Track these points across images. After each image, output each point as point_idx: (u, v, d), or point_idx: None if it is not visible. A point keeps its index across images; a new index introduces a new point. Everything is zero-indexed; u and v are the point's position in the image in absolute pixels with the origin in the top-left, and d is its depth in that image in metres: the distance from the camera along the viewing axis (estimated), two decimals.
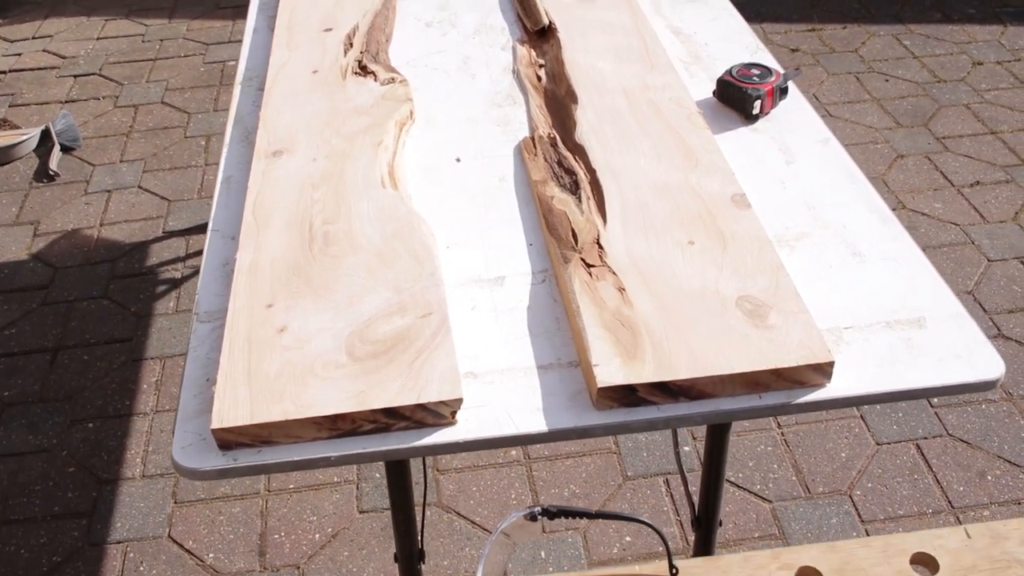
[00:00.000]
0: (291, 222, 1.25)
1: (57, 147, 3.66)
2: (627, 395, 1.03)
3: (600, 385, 1.01)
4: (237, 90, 1.63)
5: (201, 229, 3.25)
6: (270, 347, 1.07)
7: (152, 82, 4.11)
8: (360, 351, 1.06)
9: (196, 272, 3.08)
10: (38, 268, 3.13)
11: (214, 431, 0.98)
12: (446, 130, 1.50)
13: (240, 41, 4.35)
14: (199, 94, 4.00)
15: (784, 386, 1.06)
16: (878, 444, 2.39)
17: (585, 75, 1.55)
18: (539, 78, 1.60)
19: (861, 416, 2.47)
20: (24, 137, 3.68)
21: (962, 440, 2.38)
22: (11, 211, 3.40)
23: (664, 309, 1.11)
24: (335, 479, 2.38)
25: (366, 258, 1.19)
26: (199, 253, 3.16)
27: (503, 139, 1.47)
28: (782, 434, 2.43)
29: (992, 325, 2.70)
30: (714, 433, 1.51)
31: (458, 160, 1.43)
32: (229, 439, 0.99)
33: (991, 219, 3.12)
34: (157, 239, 3.22)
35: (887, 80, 3.89)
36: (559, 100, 1.53)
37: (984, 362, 1.09)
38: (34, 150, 3.72)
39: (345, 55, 1.62)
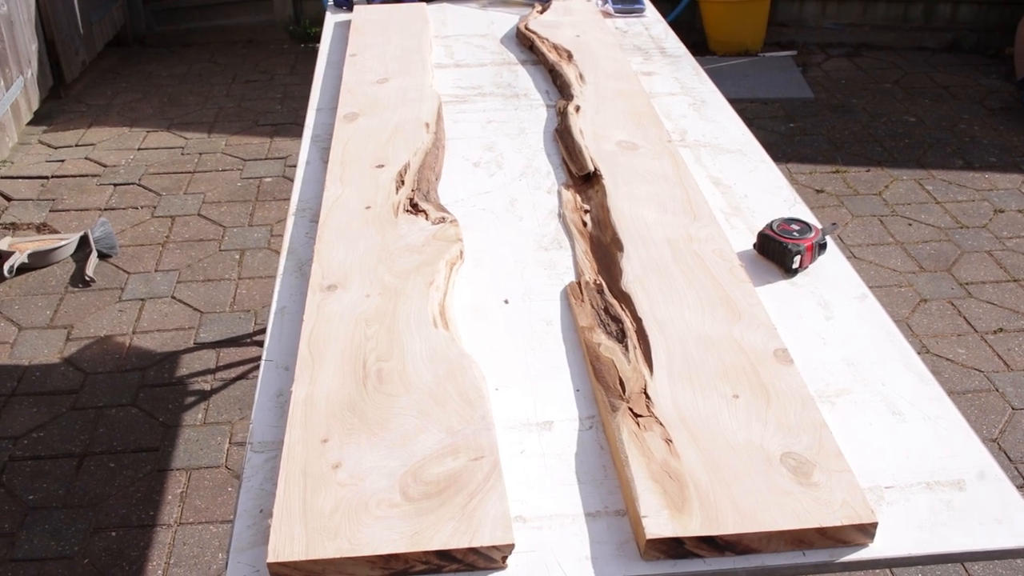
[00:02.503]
0: (345, 357, 1.29)
1: (94, 254, 3.75)
2: (674, 547, 1.05)
3: (649, 537, 1.03)
4: (290, 221, 1.69)
5: (232, 343, 3.30)
6: (325, 482, 1.10)
7: (189, 194, 4.22)
8: (414, 491, 1.08)
9: (225, 385, 3.11)
10: (69, 372, 3.17)
11: (269, 565, 1.01)
12: (494, 271, 1.55)
13: (277, 159, 4.48)
14: (235, 208, 4.10)
15: (827, 544, 1.08)
16: None
17: (630, 224, 1.60)
18: (584, 223, 1.66)
19: (890, 569, 2.45)
20: (63, 243, 3.77)
21: None
22: (46, 314, 3.46)
23: (710, 462, 1.14)
24: None
25: (419, 398, 1.22)
26: (229, 366, 3.20)
27: (550, 282, 1.52)
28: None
29: (1018, 474, 2.70)
30: None
31: (506, 302, 1.47)
32: (283, 573, 1.01)
33: (1015, 367, 3.14)
34: (188, 350, 3.27)
35: (910, 224, 3.96)
36: (604, 247, 1.58)
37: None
38: (72, 255, 3.80)
39: (397, 192, 1.68)
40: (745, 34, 5.42)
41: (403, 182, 1.71)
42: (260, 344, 3.28)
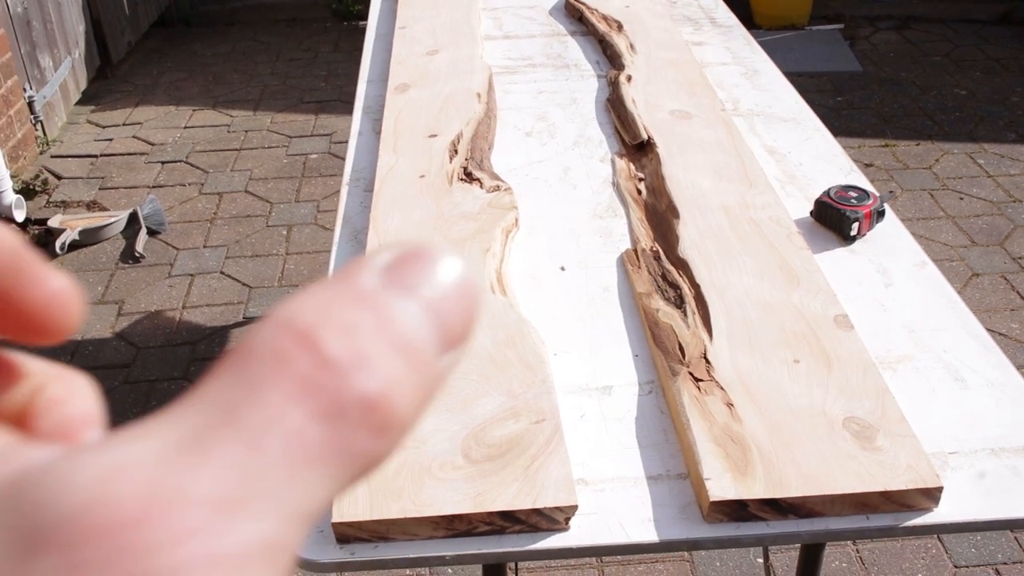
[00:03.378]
0: None
1: (144, 230, 3.79)
2: (738, 510, 1.04)
3: (712, 499, 1.03)
4: (344, 191, 1.69)
5: None
6: None
7: (236, 171, 4.25)
8: (476, 454, 1.09)
9: None
10: (121, 347, 3.22)
11: (334, 525, 1.01)
12: (549, 238, 1.55)
13: (323, 135, 4.49)
14: (281, 185, 4.13)
15: (891, 508, 1.07)
16: (956, 567, 2.35)
17: (685, 191, 1.59)
18: (639, 191, 1.65)
19: (938, 537, 2.43)
20: (113, 219, 3.81)
21: None
22: (97, 290, 3.51)
23: (772, 426, 1.13)
24: (408, 573, 2.38)
25: (479, 363, 1.22)
26: None
27: (605, 250, 1.52)
28: (857, 551, 2.40)
29: None
30: (809, 550, 1.51)
31: (563, 269, 1.47)
32: (348, 533, 1.02)
33: None
34: (237, 324, 3.30)
35: (962, 198, 3.91)
36: (660, 215, 1.57)
37: None
38: (121, 232, 3.85)
39: (451, 161, 1.68)
40: (791, 7, 5.35)
41: (456, 151, 1.71)
42: None
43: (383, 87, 2.04)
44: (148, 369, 3.12)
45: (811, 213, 1.59)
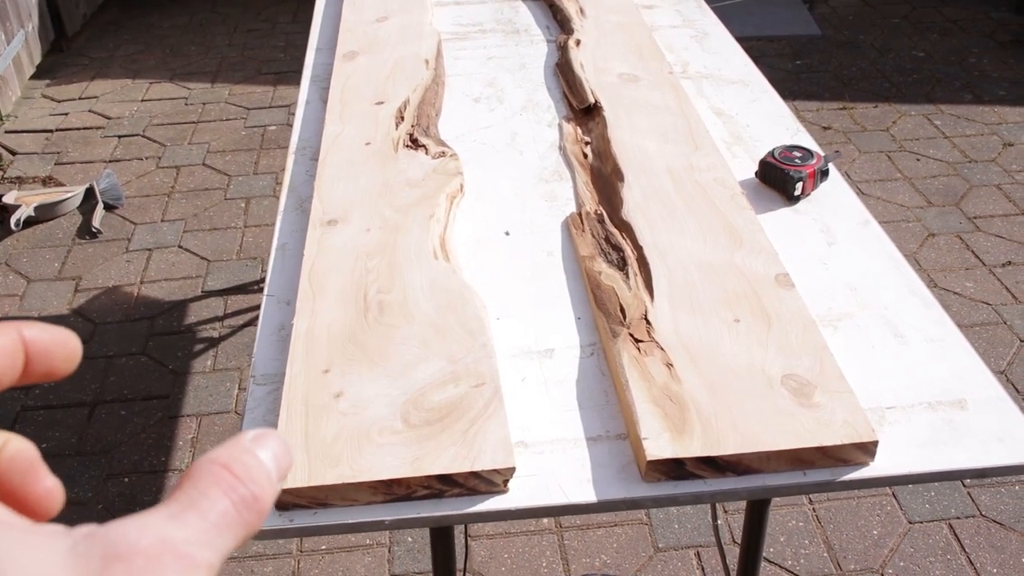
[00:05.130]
0: (346, 291, 1.29)
1: (100, 205, 3.75)
2: (675, 469, 1.05)
3: (649, 458, 1.04)
4: (290, 160, 1.68)
5: (239, 290, 3.31)
6: (327, 412, 1.10)
7: (194, 144, 4.21)
8: (415, 418, 1.09)
9: (234, 332, 3.13)
10: (78, 323, 3.19)
11: None
12: (495, 204, 1.54)
13: (280, 107, 4.45)
14: (240, 157, 4.09)
15: (828, 464, 1.08)
16: (910, 523, 2.38)
17: (631, 154, 1.59)
18: (585, 155, 1.65)
19: (893, 494, 2.47)
20: (69, 195, 3.77)
21: (995, 521, 2.37)
22: (54, 266, 3.47)
23: (711, 385, 1.14)
24: (367, 541, 2.39)
25: (420, 328, 1.22)
26: (237, 313, 3.21)
27: (551, 214, 1.52)
28: (813, 510, 2.43)
29: None
30: (754, 508, 1.52)
31: (507, 234, 1.47)
32: (287, 500, 1.02)
33: (1023, 299, 3.13)
34: (196, 298, 3.28)
35: (918, 159, 3.93)
36: (605, 178, 1.57)
37: None
38: (78, 207, 3.80)
39: (397, 128, 1.67)
40: None
41: (403, 118, 1.70)
42: None
43: (332, 55, 2.02)
44: (106, 345, 3.09)
45: (756, 174, 1.60)
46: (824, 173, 1.58)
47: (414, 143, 1.64)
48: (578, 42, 1.97)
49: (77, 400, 2.87)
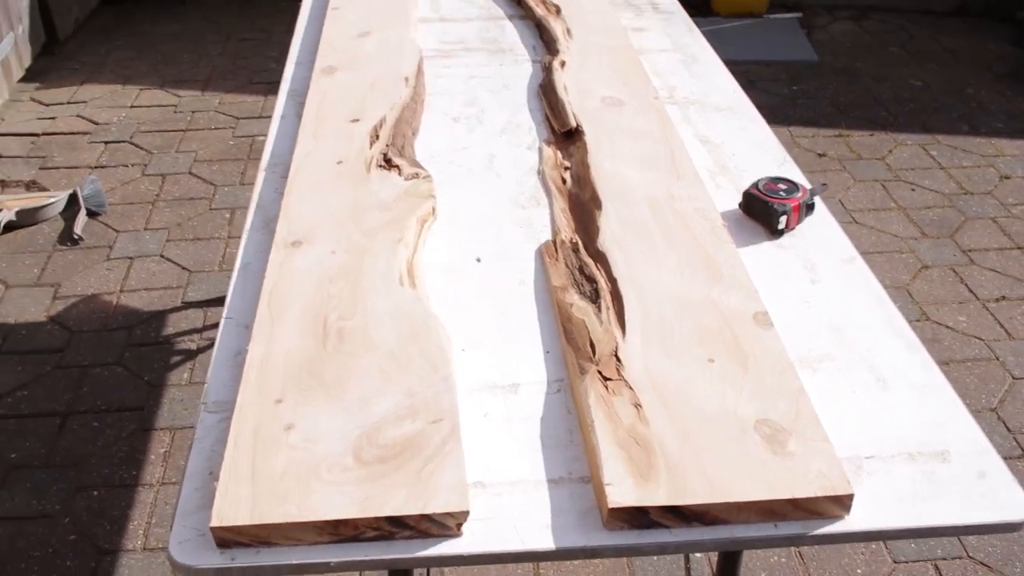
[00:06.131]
0: (306, 316, 1.24)
1: (83, 211, 3.69)
2: (639, 517, 1.00)
3: (611, 505, 0.99)
4: (260, 177, 1.63)
5: (221, 302, 3.25)
6: (276, 445, 1.05)
7: (181, 152, 4.16)
8: (368, 455, 1.03)
9: (212, 345, 3.07)
10: (55, 331, 3.13)
11: (213, 529, 0.96)
12: (468, 229, 1.49)
13: (271, 117, 4.40)
14: (227, 167, 4.04)
15: (801, 516, 1.03)
16: (895, 562, 2.33)
17: (611, 181, 1.54)
18: (564, 181, 1.60)
19: (884, 543, 2.41)
20: (52, 200, 3.71)
21: (983, 564, 2.32)
22: (33, 272, 3.41)
23: (680, 429, 1.08)
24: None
25: (380, 359, 1.17)
26: (216, 325, 3.15)
27: (525, 241, 1.47)
28: (796, 546, 2.37)
29: (1016, 445, 2.65)
30: (727, 556, 1.47)
31: (479, 260, 1.42)
32: (228, 538, 0.97)
33: (1017, 335, 3.08)
34: (175, 309, 3.22)
35: (913, 189, 3.89)
36: (583, 205, 1.52)
37: (1009, 501, 1.06)
38: (60, 213, 3.75)
39: (371, 147, 1.62)
40: None
41: (378, 136, 1.65)
42: None
43: (311, 69, 1.98)
44: (82, 354, 3.03)
45: (739, 205, 1.55)
46: (810, 207, 1.53)
47: (388, 163, 1.59)
48: (563, 63, 1.92)
49: (49, 410, 2.81)
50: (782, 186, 1.53)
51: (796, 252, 1.47)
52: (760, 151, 1.72)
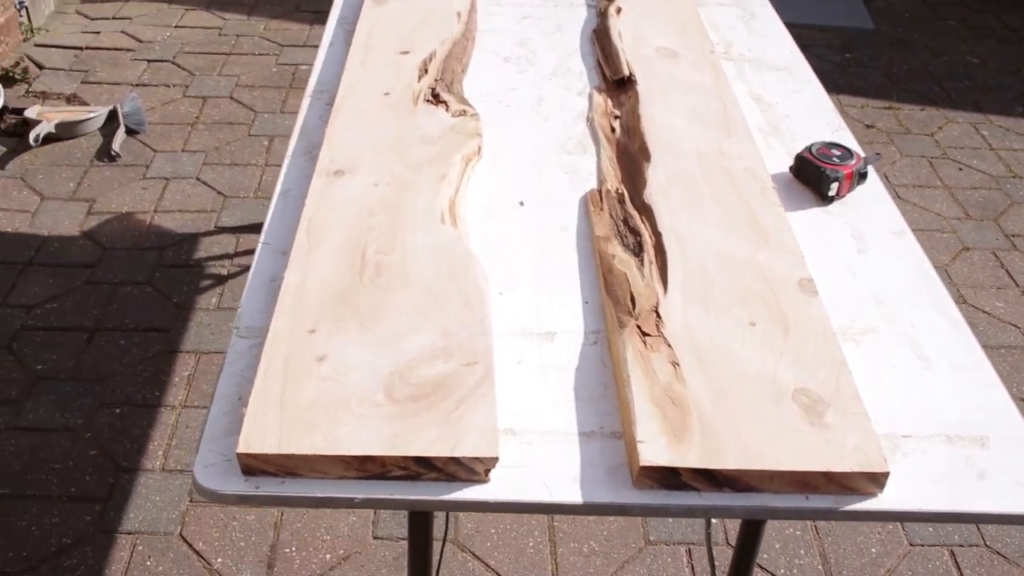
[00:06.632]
0: (344, 246, 1.22)
1: (122, 128, 3.68)
2: (669, 477, 0.98)
3: (643, 464, 0.97)
4: (305, 103, 1.61)
5: (254, 228, 3.25)
6: (307, 375, 1.04)
7: (223, 76, 4.13)
8: (399, 392, 1.02)
9: (243, 271, 3.07)
10: (87, 246, 3.14)
11: (239, 455, 0.95)
12: (513, 171, 1.47)
13: (315, 46, 4.36)
14: (268, 94, 4.01)
15: (833, 490, 1.01)
16: (911, 544, 2.31)
17: (660, 133, 1.51)
18: (613, 129, 1.56)
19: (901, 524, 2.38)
20: (92, 115, 3.70)
21: (999, 553, 2.30)
22: (69, 186, 3.41)
23: (717, 391, 1.06)
24: None
25: (417, 295, 1.15)
26: (248, 252, 3.15)
27: (570, 187, 1.44)
28: (813, 520, 2.35)
29: None
30: (750, 524, 1.45)
31: (521, 204, 1.39)
32: (254, 466, 0.96)
33: None
34: (208, 233, 3.22)
35: (961, 169, 3.81)
36: (631, 155, 1.49)
37: None
38: (99, 129, 3.74)
39: (419, 81, 1.59)
40: None
41: (427, 71, 1.62)
42: None
43: None
44: (113, 271, 3.04)
45: (790, 168, 1.51)
46: (862, 175, 1.49)
47: (435, 98, 1.56)
48: (619, 9, 1.88)
49: (77, 324, 2.82)
50: (836, 152, 1.49)
51: (845, 220, 1.43)
52: (814, 115, 1.68)
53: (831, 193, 1.46)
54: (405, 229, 1.26)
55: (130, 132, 3.72)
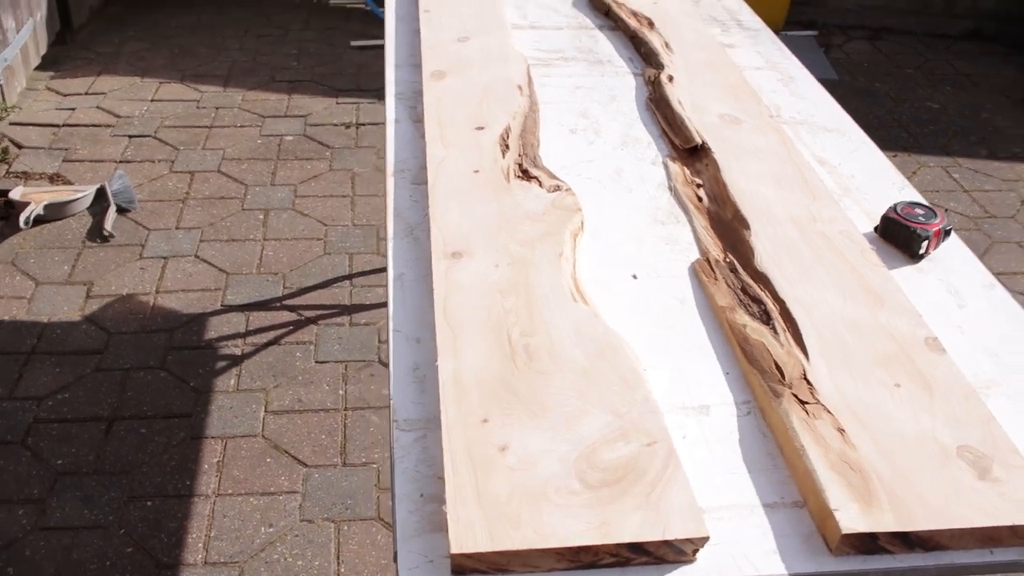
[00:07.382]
0: (486, 331, 1.23)
1: (113, 207, 3.64)
2: (867, 542, 1.00)
3: (844, 531, 0.98)
4: (391, 182, 1.61)
5: (262, 306, 3.21)
6: (494, 466, 1.03)
7: (208, 149, 4.11)
8: (592, 478, 1.02)
9: (257, 350, 3.03)
10: (92, 331, 3.08)
11: (453, 556, 0.94)
12: (611, 244, 1.49)
13: (297, 117, 4.36)
14: (256, 166, 4.00)
15: (1017, 543, 1.04)
16: None
17: (751, 200, 1.54)
18: (699, 198, 1.60)
19: None
20: (80, 194, 3.65)
21: None
22: (63, 269, 3.35)
23: (886, 454, 1.08)
24: None
25: (573, 378, 1.16)
26: (260, 330, 3.11)
27: (673, 258, 1.46)
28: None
29: None
30: None
31: (635, 277, 1.41)
32: (466, 565, 0.95)
33: None
34: (216, 312, 3.18)
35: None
36: (726, 223, 1.52)
37: None
38: (88, 208, 3.69)
39: (503, 156, 1.61)
40: (767, 11, 5.33)
41: (508, 146, 1.64)
42: (292, 309, 3.20)
43: (412, 72, 1.96)
44: (122, 356, 2.98)
45: (876, 229, 1.56)
46: (947, 232, 1.54)
47: (525, 174, 1.58)
48: (671, 77, 1.92)
49: (93, 414, 2.75)
50: (919, 210, 1.53)
51: (938, 277, 1.47)
52: (876, 174, 1.73)
53: (921, 251, 1.50)
54: (541, 310, 1.27)
55: (121, 211, 3.67)
